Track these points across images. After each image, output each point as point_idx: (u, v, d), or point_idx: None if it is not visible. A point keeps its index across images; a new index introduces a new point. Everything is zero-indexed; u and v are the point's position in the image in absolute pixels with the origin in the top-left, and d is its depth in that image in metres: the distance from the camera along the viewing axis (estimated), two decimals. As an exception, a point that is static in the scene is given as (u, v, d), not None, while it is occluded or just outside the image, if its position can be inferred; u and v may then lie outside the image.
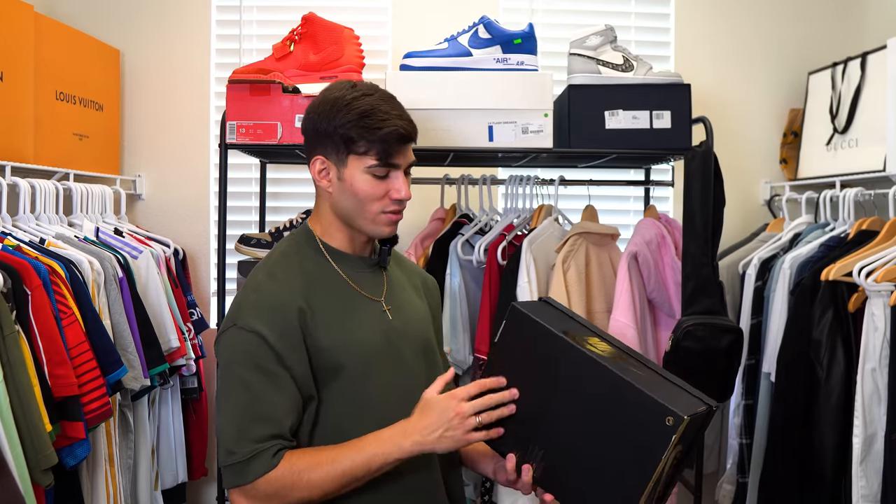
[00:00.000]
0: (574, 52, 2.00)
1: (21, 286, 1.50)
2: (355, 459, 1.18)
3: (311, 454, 1.20)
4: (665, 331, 2.09)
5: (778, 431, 1.93)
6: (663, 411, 1.09)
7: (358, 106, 1.24)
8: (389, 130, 1.23)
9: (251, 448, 1.16)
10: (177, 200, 2.53)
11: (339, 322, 1.26)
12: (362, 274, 1.33)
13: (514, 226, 2.15)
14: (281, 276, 1.27)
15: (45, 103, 2.02)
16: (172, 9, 2.51)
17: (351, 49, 1.97)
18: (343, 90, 1.27)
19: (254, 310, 1.22)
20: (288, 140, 1.92)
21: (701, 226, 1.90)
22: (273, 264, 1.30)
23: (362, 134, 1.23)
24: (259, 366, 1.19)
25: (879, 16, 2.51)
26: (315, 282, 1.28)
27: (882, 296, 1.73)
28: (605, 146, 1.97)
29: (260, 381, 1.19)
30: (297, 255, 1.31)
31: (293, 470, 1.17)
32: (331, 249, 1.33)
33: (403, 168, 1.28)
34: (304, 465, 1.17)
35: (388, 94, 1.30)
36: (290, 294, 1.24)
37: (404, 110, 1.28)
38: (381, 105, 1.25)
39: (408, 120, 1.27)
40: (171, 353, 2.01)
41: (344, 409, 1.25)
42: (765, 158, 2.62)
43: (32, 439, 1.41)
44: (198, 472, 2.33)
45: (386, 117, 1.23)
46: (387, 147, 1.24)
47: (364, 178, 1.25)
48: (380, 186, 1.26)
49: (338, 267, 1.31)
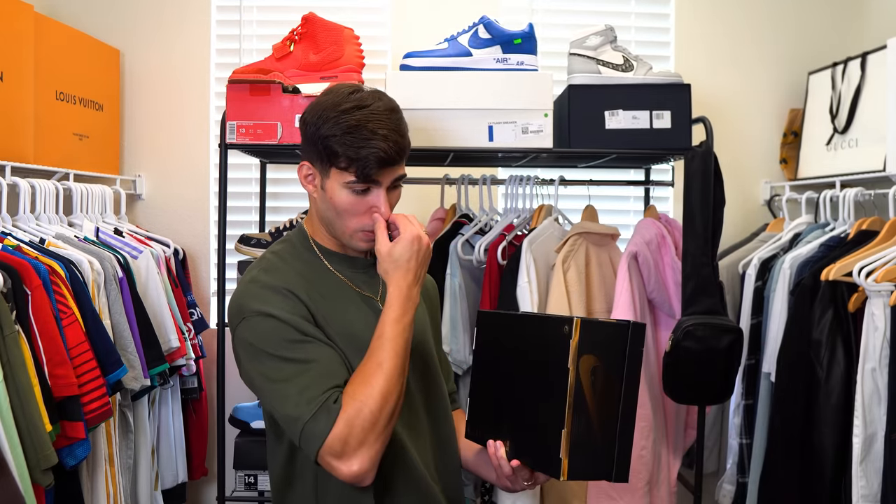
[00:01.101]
0: (574, 52, 2.00)
1: (21, 286, 1.50)
2: (388, 335, 1.18)
3: (355, 374, 1.17)
4: (665, 331, 2.09)
5: (778, 431, 1.93)
6: (560, 322, 1.13)
7: (345, 120, 1.20)
8: (369, 152, 1.19)
9: (302, 411, 1.12)
10: (177, 200, 2.53)
11: (336, 316, 1.26)
12: (356, 272, 1.33)
13: (514, 226, 2.15)
14: (275, 271, 1.27)
15: (45, 103, 2.02)
16: (172, 9, 2.51)
17: (351, 49, 1.97)
18: (338, 97, 1.23)
19: (257, 298, 1.21)
20: (288, 140, 1.92)
21: (701, 226, 1.90)
22: (266, 262, 1.30)
23: (345, 150, 1.20)
24: (285, 340, 1.17)
25: (879, 16, 2.51)
26: (309, 279, 1.27)
27: (882, 296, 1.73)
28: (605, 146, 1.97)
29: (294, 353, 1.17)
30: (290, 255, 1.31)
31: (354, 392, 1.13)
32: (323, 249, 1.33)
33: (386, 185, 1.24)
34: (358, 380, 1.15)
35: (384, 107, 1.23)
36: (287, 284, 1.23)
37: (398, 126, 1.23)
38: (370, 123, 1.20)
39: (394, 141, 1.21)
40: (171, 353, 2.01)
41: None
42: (765, 158, 2.62)
43: (32, 439, 1.41)
44: (198, 472, 2.33)
45: (371, 137, 1.19)
46: (366, 167, 1.20)
47: (343, 192, 1.23)
48: (359, 203, 1.23)
49: (331, 265, 1.31)
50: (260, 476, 2.14)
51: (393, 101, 1.27)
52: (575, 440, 1.12)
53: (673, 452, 2.06)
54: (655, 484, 1.98)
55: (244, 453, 2.12)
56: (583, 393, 1.12)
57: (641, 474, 1.92)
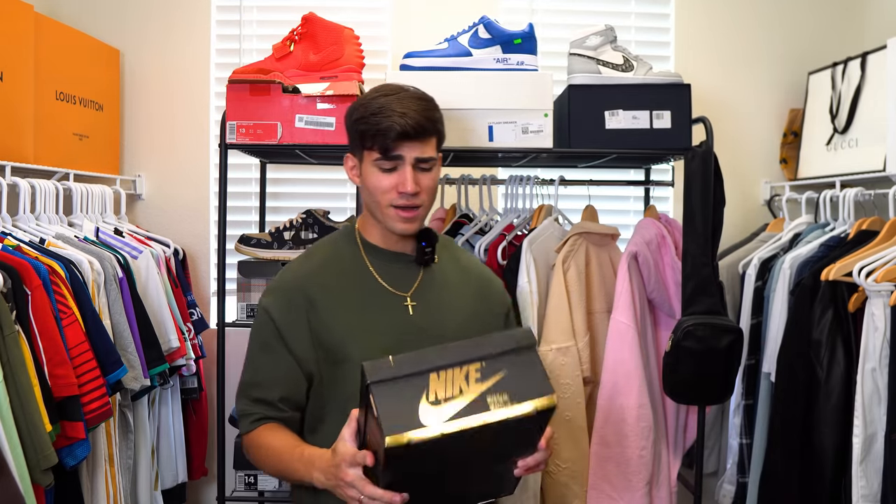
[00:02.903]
0: (574, 52, 2.00)
1: (21, 286, 1.50)
2: (288, 465, 1.30)
3: (275, 438, 1.33)
4: (665, 331, 2.08)
5: (778, 431, 1.93)
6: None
7: (371, 105, 1.32)
8: (388, 125, 1.29)
9: (241, 408, 1.38)
10: (177, 200, 2.53)
11: (350, 309, 1.35)
12: (392, 267, 1.40)
13: (514, 226, 2.15)
14: (307, 262, 1.42)
15: (45, 103, 2.02)
16: (172, 9, 2.51)
17: (351, 49, 1.97)
18: (372, 91, 1.37)
19: (272, 291, 1.39)
20: (288, 140, 1.92)
21: (701, 226, 1.90)
22: (309, 251, 1.46)
23: (368, 128, 1.31)
24: (262, 340, 1.37)
25: (879, 16, 2.51)
26: (338, 270, 1.39)
27: (882, 296, 1.73)
28: (605, 146, 1.97)
29: (259, 353, 1.38)
30: (331, 245, 1.45)
31: (257, 443, 1.35)
32: (366, 242, 1.43)
33: (410, 162, 1.32)
34: (263, 443, 1.34)
35: (410, 95, 1.34)
36: (305, 279, 1.37)
37: (420, 108, 1.32)
38: (392, 103, 1.31)
39: (413, 118, 1.30)
40: (171, 353, 2.02)
41: (347, 390, 1.29)
42: (765, 158, 2.62)
43: (32, 439, 1.41)
44: (198, 472, 2.33)
45: (390, 114, 1.29)
46: (385, 139, 1.30)
47: (372, 170, 1.34)
48: (386, 179, 1.33)
49: (368, 259, 1.41)
50: (260, 476, 2.14)
51: (425, 93, 1.38)
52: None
53: (673, 452, 2.06)
54: (655, 484, 1.98)
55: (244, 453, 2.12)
56: (365, 424, 1.13)
57: (641, 474, 1.92)
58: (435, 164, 1.37)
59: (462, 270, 1.48)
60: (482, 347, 1.13)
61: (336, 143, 1.93)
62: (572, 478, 1.93)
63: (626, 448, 1.91)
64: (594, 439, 1.94)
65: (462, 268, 1.49)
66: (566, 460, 1.93)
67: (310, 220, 2.11)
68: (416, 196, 1.33)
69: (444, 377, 1.10)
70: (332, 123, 1.92)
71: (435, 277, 1.43)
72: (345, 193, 2.58)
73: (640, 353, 1.93)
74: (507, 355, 1.13)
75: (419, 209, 1.35)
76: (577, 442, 1.93)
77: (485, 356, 1.12)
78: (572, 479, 1.93)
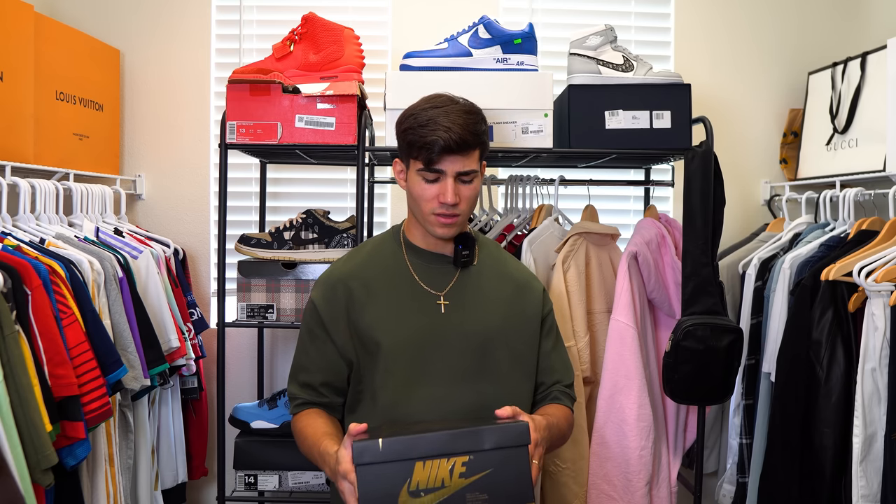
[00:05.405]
0: (574, 52, 2.00)
1: (21, 286, 1.50)
2: (310, 454, 1.39)
3: (308, 425, 1.42)
4: (665, 331, 2.09)
5: (778, 431, 1.93)
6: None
7: (420, 116, 1.39)
8: (431, 140, 1.36)
9: (290, 391, 1.50)
10: (177, 200, 2.53)
11: (385, 303, 1.45)
12: (430, 268, 1.49)
13: (514, 226, 2.15)
14: (354, 257, 1.53)
15: (45, 103, 2.02)
16: (172, 9, 2.51)
17: (351, 49, 1.97)
18: (423, 101, 1.43)
19: (320, 283, 1.50)
20: (288, 140, 1.92)
21: (701, 226, 1.90)
22: (357, 247, 1.58)
23: (415, 140, 1.38)
24: (309, 327, 1.49)
25: (879, 16, 2.51)
26: (380, 266, 1.49)
27: (882, 296, 1.73)
28: (605, 146, 1.97)
29: (307, 340, 1.49)
30: (378, 244, 1.54)
31: (296, 428, 1.45)
32: (408, 243, 1.52)
33: (451, 175, 1.39)
34: (298, 428, 1.44)
35: (458, 108, 1.39)
36: (348, 274, 1.48)
37: (467, 122, 1.37)
38: (439, 117, 1.37)
39: (457, 133, 1.36)
40: (171, 353, 2.01)
41: (377, 380, 1.43)
42: (765, 158, 2.62)
43: (32, 439, 1.41)
44: (198, 472, 2.33)
45: (435, 128, 1.36)
46: (429, 154, 1.37)
47: (417, 179, 1.42)
48: (429, 189, 1.41)
49: (408, 258, 1.50)
50: (260, 476, 2.14)
51: (474, 105, 1.44)
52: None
53: (673, 452, 2.06)
54: (655, 484, 1.98)
55: (244, 453, 2.12)
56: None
57: (641, 474, 1.92)
58: (476, 176, 1.43)
59: (500, 273, 1.54)
60: (475, 439, 1.17)
61: (336, 143, 1.93)
62: (572, 478, 1.93)
63: (626, 448, 1.91)
64: (594, 439, 1.94)
65: (501, 271, 1.54)
66: (566, 460, 1.93)
67: (310, 220, 2.11)
68: (456, 206, 1.41)
69: (429, 467, 1.16)
70: (332, 123, 1.92)
71: (471, 278, 1.50)
72: (345, 193, 2.58)
73: (640, 353, 1.93)
74: (498, 451, 1.17)
75: (458, 217, 1.43)
76: (577, 442, 1.93)
77: (475, 450, 1.17)
78: (572, 479, 1.93)
